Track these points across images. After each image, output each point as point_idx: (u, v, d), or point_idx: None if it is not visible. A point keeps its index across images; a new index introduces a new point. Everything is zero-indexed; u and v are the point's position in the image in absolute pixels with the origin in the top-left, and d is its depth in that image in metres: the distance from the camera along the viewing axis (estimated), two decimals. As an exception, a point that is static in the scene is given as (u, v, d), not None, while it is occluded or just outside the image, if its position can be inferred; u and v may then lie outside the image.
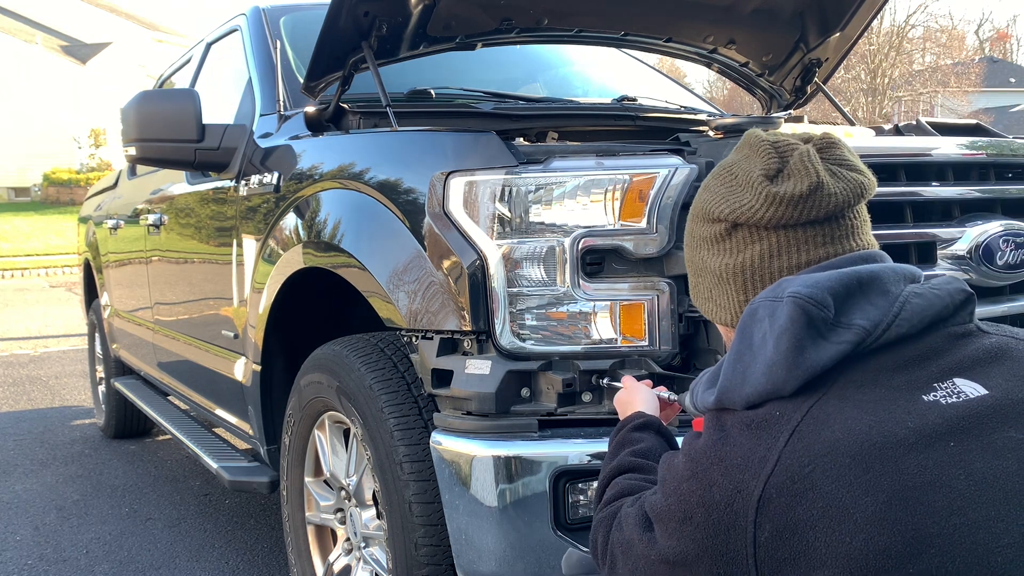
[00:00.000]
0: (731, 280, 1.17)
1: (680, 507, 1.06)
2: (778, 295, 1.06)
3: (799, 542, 0.96)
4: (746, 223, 1.13)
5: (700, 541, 1.04)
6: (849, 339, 1.03)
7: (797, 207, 1.10)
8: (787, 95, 3.10)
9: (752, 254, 1.14)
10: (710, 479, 1.04)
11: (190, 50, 4.17)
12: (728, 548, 1.02)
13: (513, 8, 2.53)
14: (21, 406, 5.94)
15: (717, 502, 1.02)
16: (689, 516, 1.05)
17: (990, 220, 1.91)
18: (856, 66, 29.65)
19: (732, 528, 1.01)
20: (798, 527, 0.96)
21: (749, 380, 1.05)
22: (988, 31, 48.96)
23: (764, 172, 1.12)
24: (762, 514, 0.98)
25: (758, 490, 0.98)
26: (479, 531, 1.74)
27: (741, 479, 1.00)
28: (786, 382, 1.02)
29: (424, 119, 2.53)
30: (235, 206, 2.83)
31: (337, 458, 2.28)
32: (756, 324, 1.07)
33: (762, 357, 1.05)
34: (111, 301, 4.84)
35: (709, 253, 1.19)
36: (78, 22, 30.80)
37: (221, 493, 4.02)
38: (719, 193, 1.17)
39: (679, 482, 1.08)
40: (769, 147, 1.13)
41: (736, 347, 1.09)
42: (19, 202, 25.65)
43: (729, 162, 1.19)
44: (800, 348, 1.02)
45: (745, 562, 1.00)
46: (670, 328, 1.74)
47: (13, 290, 13.64)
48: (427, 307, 1.85)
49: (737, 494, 1.00)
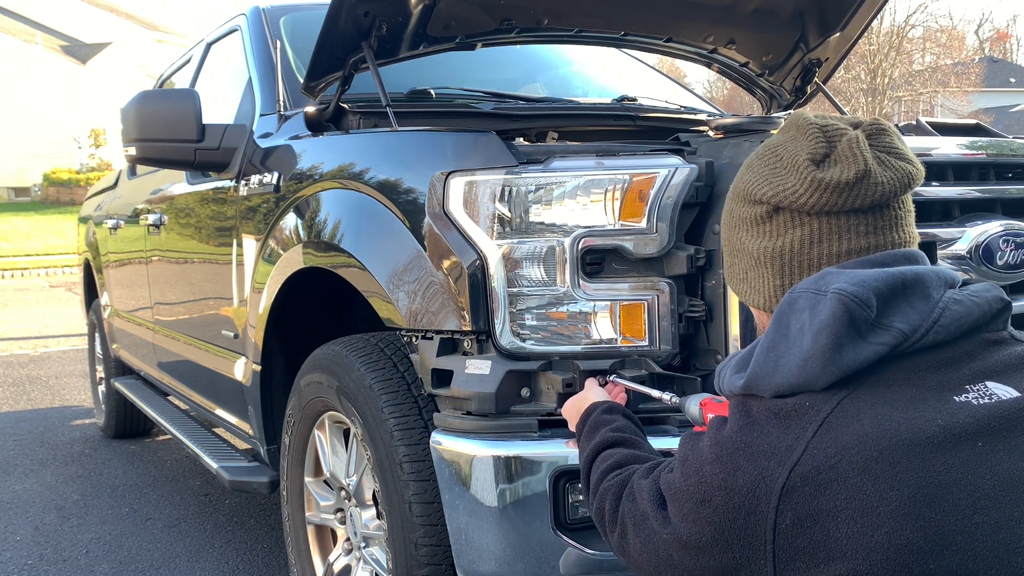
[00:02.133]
0: (768, 264, 1.15)
1: (700, 488, 1.06)
2: (822, 288, 1.04)
3: (820, 532, 0.96)
4: (788, 207, 1.11)
5: (716, 525, 1.03)
6: (887, 341, 1.01)
7: (842, 194, 1.07)
8: (787, 95, 3.10)
9: (792, 239, 1.12)
10: (735, 464, 1.03)
11: (190, 50, 4.17)
12: (745, 534, 1.01)
13: (513, 8, 2.53)
14: (21, 406, 5.94)
15: (739, 487, 1.01)
16: (708, 498, 1.04)
17: (990, 220, 1.91)
18: (856, 66, 29.65)
19: (752, 514, 1.00)
20: (820, 517, 0.96)
21: (781, 370, 1.04)
22: (988, 31, 49.01)
23: (810, 156, 1.09)
24: (784, 502, 0.98)
25: (783, 477, 0.98)
26: (479, 531, 1.74)
27: (766, 466, 1.00)
28: (819, 377, 1.01)
29: (424, 119, 2.53)
30: (235, 206, 2.83)
31: (337, 458, 2.28)
32: (795, 314, 1.05)
33: (798, 349, 1.03)
34: (111, 301, 4.84)
35: (748, 235, 1.17)
36: (78, 22, 30.79)
37: (221, 493, 4.02)
38: (762, 174, 1.14)
39: (702, 463, 1.07)
40: (817, 130, 1.11)
41: (771, 335, 1.08)
42: (19, 202, 25.65)
43: (775, 143, 1.16)
44: (838, 346, 1.01)
45: (762, 549, 1.00)
46: (670, 328, 1.74)
47: (13, 290, 13.64)
48: (427, 307, 1.85)
49: (761, 480, 1.00)
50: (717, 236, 1.74)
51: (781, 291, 1.14)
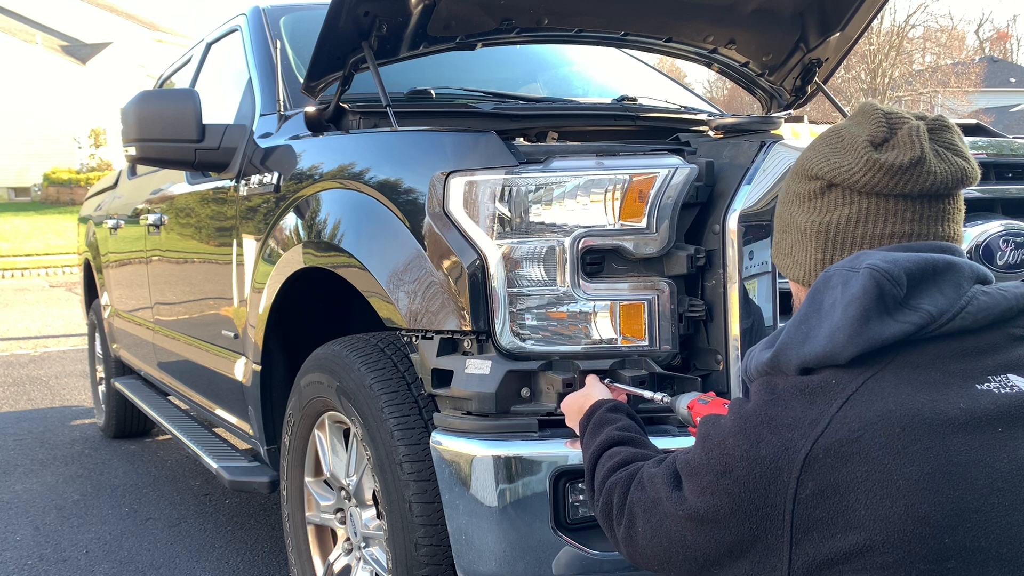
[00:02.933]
0: (813, 237, 1.19)
1: (721, 460, 1.08)
2: (855, 266, 1.08)
3: (839, 502, 0.99)
4: (842, 184, 1.15)
5: (736, 495, 1.06)
6: (913, 320, 1.05)
7: (894, 177, 1.11)
8: (787, 95, 3.10)
9: (840, 215, 1.16)
10: (758, 435, 1.06)
11: (190, 50, 4.17)
12: (764, 503, 1.04)
13: (513, 8, 2.53)
14: (21, 406, 5.94)
15: (762, 457, 1.04)
16: (729, 469, 1.07)
17: (990, 220, 1.90)
18: (856, 66, 29.65)
19: (773, 483, 1.03)
20: (840, 487, 0.99)
21: (810, 341, 1.08)
22: (988, 31, 49.00)
23: (870, 138, 1.13)
24: (806, 472, 1.01)
25: (805, 448, 1.01)
26: (479, 531, 1.74)
27: (790, 437, 1.03)
28: (845, 348, 1.05)
29: (424, 119, 2.53)
30: (235, 206, 2.83)
31: (337, 458, 2.28)
32: (828, 290, 1.10)
33: (828, 321, 1.07)
34: (111, 301, 4.84)
35: (799, 209, 1.21)
36: (78, 22, 30.78)
37: (221, 493, 4.02)
38: (822, 152, 1.19)
39: (725, 437, 1.10)
40: (881, 116, 1.15)
41: (804, 310, 1.12)
42: (19, 202, 25.64)
43: (840, 126, 1.21)
44: (866, 318, 1.04)
45: (780, 519, 1.03)
46: (670, 328, 1.74)
47: (13, 290, 13.64)
48: (427, 307, 1.85)
49: (784, 451, 1.03)
50: (717, 236, 1.74)
51: (821, 266, 1.18)
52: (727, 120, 2.55)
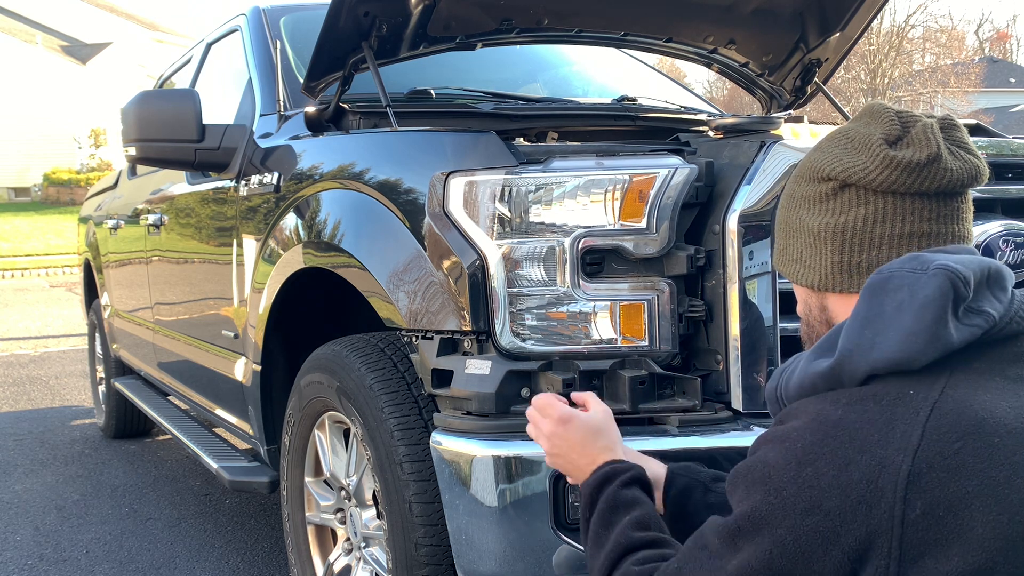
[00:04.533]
0: (829, 240, 1.15)
1: (801, 497, 0.98)
2: (922, 267, 1.03)
3: (954, 520, 0.93)
4: (856, 184, 1.12)
5: (828, 531, 0.96)
6: (980, 324, 1.02)
7: (912, 174, 1.09)
8: (787, 95, 3.10)
9: (856, 216, 1.13)
10: (844, 458, 0.97)
11: (190, 50, 4.17)
12: (866, 532, 0.95)
13: (513, 8, 2.53)
14: (21, 406, 5.94)
15: (856, 481, 0.95)
16: (817, 504, 0.97)
17: (990, 220, 1.90)
18: (856, 66, 29.64)
19: (874, 507, 0.95)
20: (954, 504, 0.93)
21: (880, 346, 1.01)
22: (988, 31, 49.00)
23: (885, 136, 1.11)
24: (912, 490, 0.93)
25: (907, 464, 0.94)
26: (479, 531, 1.74)
27: (883, 454, 0.95)
28: (922, 354, 1.00)
29: (424, 119, 2.53)
30: (235, 206, 2.83)
31: (337, 458, 2.28)
32: (891, 292, 1.04)
33: (898, 325, 1.01)
34: (111, 301, 4.84)
35: (810, 212, 1.18)
36: (78, 22, 30.77)
37: (221, 493, 4.02)
38: (832, 153, 1.16)
39: (793, 471, 0.99)
40: (893, 115, 1.13)
41: (864, 313, 1.05)
42: (19, 202, 25.63)
43: (845, 127, 1.18)
44: (944, 322, 1.00)
45: (885, 545, 0.95)
46: (670, 328, 1.74)
47: (13, 290, 13.64)
48: (427, 307, 1.85)
49: (881, 469, 0.95)
50: (717, 236, 1.74)
51: (839, 268, 1.15)
52: (727, 120, 2.56)
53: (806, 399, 1.07)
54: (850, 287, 1.15)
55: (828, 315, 1.20)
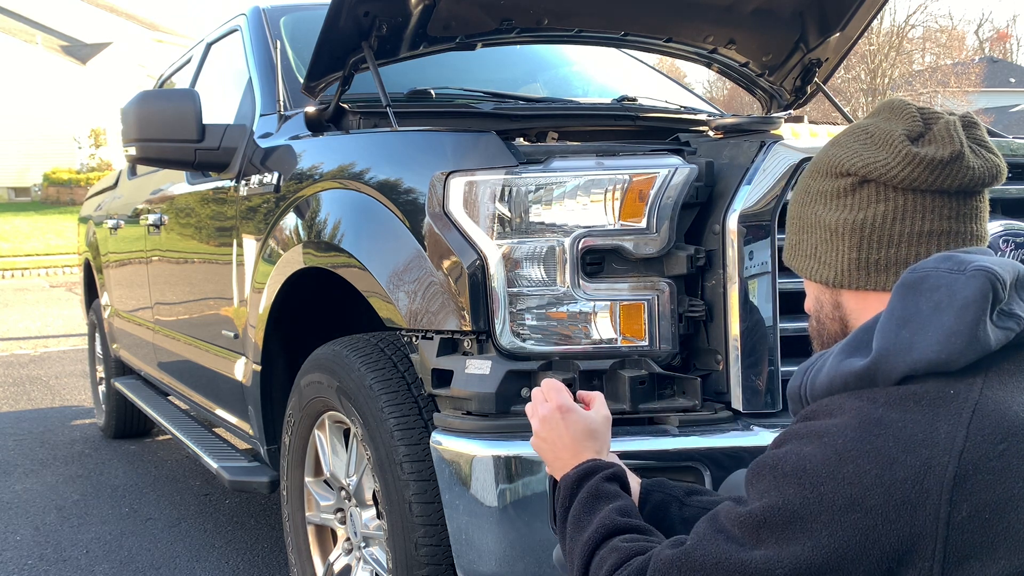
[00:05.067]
0: (846, 236, 1.14)
1: (841, 494, 0.96)
2: (959, 267, 1.02)
3: (1001, 523, 0.93)
4: (877, 180, 1.11)
5: (869, 530, 0.94)
6: (1013, 327, 1.02)
7: (934, 172, 1.08)
8: (787, 95, 3.10)
9: (875, 212, 1.12)
10: (888, 456, 0.95)
11: (190, 50, 4.17)
12: (909, 533, 0.94)
13: (513, 8, 2.53)
14: (21, 406, 5.94)
15: (901, 480, 0.94)
16: (857, 502, 0.95)
17: (990, 220, 1.90)
18: (856, 66, 29.64)
19: (919, 508, 0.93)
20: (1000, 507, 0.93)
21: (918, 346, 1.00)
22: (988, 31, 49.02)
23: (907, 133, 1.10)
24: (959, 492, 0.92)
25: (953, 465, 0.93)
26: (479, 531, 1.74)
27: (929, 455, 0.94)
28: (962, 354, 0.98)
29: (424, 119, 2.53)
30: (235, 206, 2.83)
31: (337, 458, 2.28)
32: (927, 292, 1.02)
33: (937, 325, 1.00)
34: (111, 301, 4.84)
35: (827, 208, 1.16)
36: (78, 22, 30.77)
37: (221, 493, 4.02)
38: (851, 148, 1.14)
39: (834, 467, 0.97)
40: (915, 111, 1.12)
41: (900, 312, 1.03)
42: (19, 202, 25.64)
43: (864, 123, 1.17)
44: (983, 324, 0.99)
45: (928, 547, 0.93)
46: (670, 328, 1.74)
47: (13, 290, 13.64)
48: (427, 307, 1.85)
49: (927, 470, 0.93)
50: (717, 236, 1.74)
51: (856, 265, 1.14)
52: (727, 120, 2.56)
53: (840, 396, 1.05)
54: (866, 284, 1.14)
55: (842, 312, 1.19)
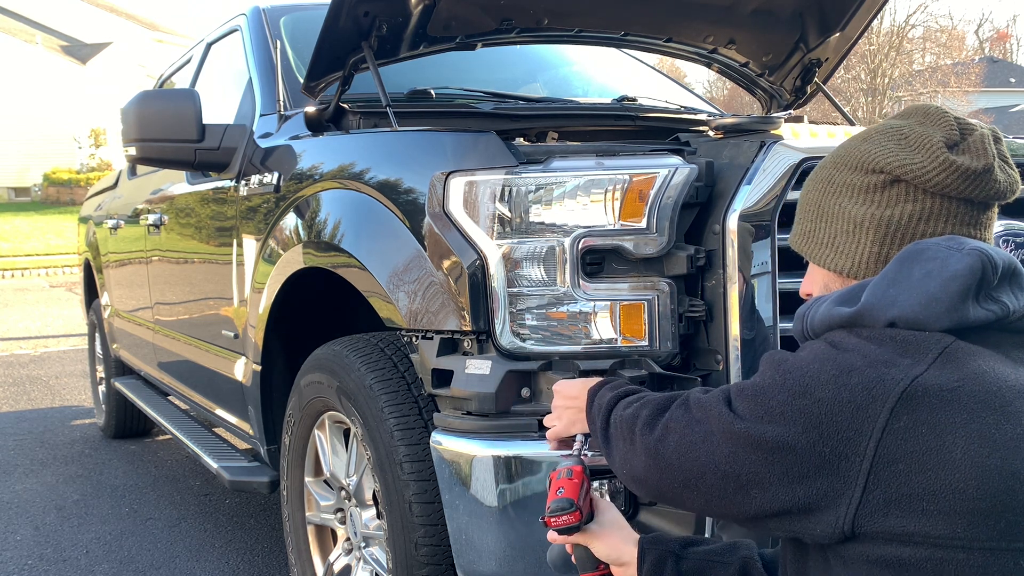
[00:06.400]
0: (871, 230, 1.20)
1: (801, 382, 1.08)
2: (958, 246, 1.11)
3: (935, 440, 1.01)
4: (910, 181, 1.16)
5: (812, 416, 1.06)
6: (995, 311, 1.09)
7: (966, 181, 1.14)
8: (787, 95, 3.10)
9: (903, 211, 1.18)
10: (850, 364, 1.07)
11: (190, 50, 4.17)
12: (847, 428, 1.04)
13: (513, 8, 2.53)
14: (21, 406, 5.94)
15: (852, 384, 1.05)
16: (809, 390, 1.07)
17: (990, 220, 1.91)
18: (856, 66, 29.63)
19: (861, 410, 1.04)
20: (938, 427, 1.02)
21: (900, 304, 1.09)
22: (988, 31, 49.02)
23: (945, 139, 1.16)
24: (903, 405, 1.03)
25: (904, 383, 1.03)
26: (479, 531, 1.74)
27: (886, 372, 1.05)
28: (940, 319, 1.07)
29: (424, 119, 2.53)
30: (235, 206, 2.83)
31: (337, 458, 2.28)
32: (922, 262, 1.11)
33: (921, 289, 1.09)
34: (111, 301, 4.85)
35: (853, 201, 1.21)
36: (78, 22, 30.77)
37: (221, 493, 4.02)
38: (886, 147, 1.19)
39: (807, 362, 1.10)
40: (952, 120, 1.18)
41: (892, 275, 1.13)
42: (19, 202, 25.64)
43: (897, 123, 1.22)
44: (965, 297, 1.08)
45: (860, 446, 1.04)
46: (670, 328, 1.74)
47: (13, 290, 13.64)
48: (427, 307, 1.85)
49: (879, 382, 1.04)
50: (717, 236, 1.74)
51: (876, 258, 1.20)
52: (727, 120, 2.55)
53: (838, 330, 1.15)
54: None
55: None
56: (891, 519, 1.03)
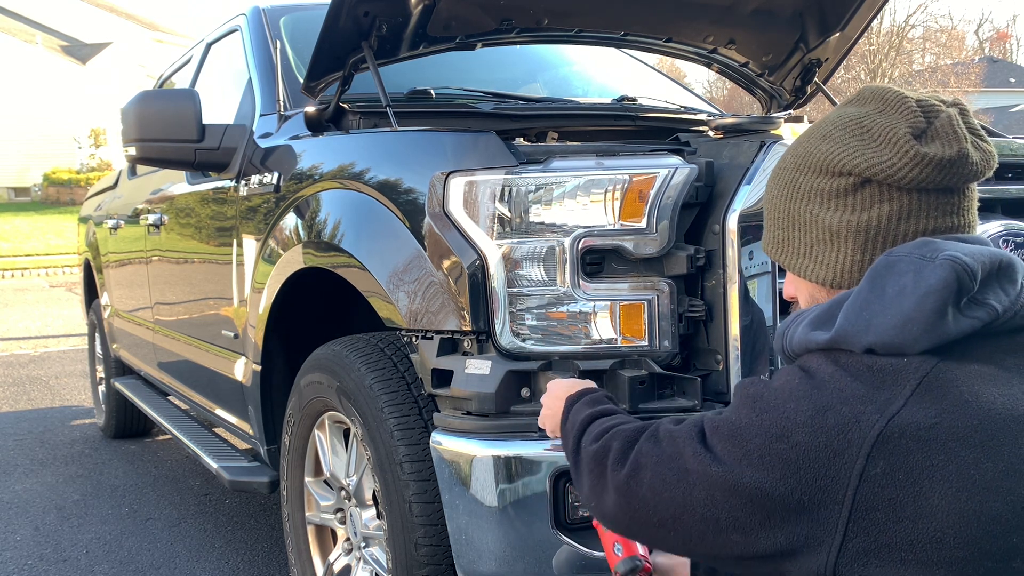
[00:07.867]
0: (849, 238, 1.11)
1: (778, 424, 1.02)
2: (930, 255, 1.02)
3: (912, 487, 0.95)
4: (882, 180, 1.08)
5: (790, 462, 1.00)
6: (981, 317, 1.01)
7: (941, 172, 1.06)
8: (787, 95, 3.10)
9: (879, 213, 1.09)
10: (825, 403, 1.00)
11: (190, 50, 4.17)
12: (825, 475, 0.98)
13: (513, 8, 2.53)
14: (21, 406, 5.94)
15: (829, 426, 0.99)
16: (786, 434, 1.01)
17: (990, 220, 1.90)
18: (856, 66, 29.64)
19: (839, 455, 0.98)
20: (915, 472, 0.95)
21: (875, 328, 1.02)
22: (988, 31, 49.01)
23: (911, 129, 1.07)
24: (879, 449, 0.96)
25: (880, 424, 0.97)
26: (479, 531, 1.74)
27: (862, 410, 0.98)
28: (918, 341, 1.00)
29: (424, 119, 2.53)
30: (235, 206, 2.83)
31: (337, 458, 2.28)
32: (894, 277, 1.03)
33: (896, 310, 1.01)
34: (111, 301, 4.85)
35: (823, 208, 1.12)
36: (78, 22, 30.77)
37: (221, 493, 4.02)
38: (849, 145, 1.10)
39: (782, 400, 1.04)
40: (915, 105, 1.08)
41: (864, 295, 1.05)
42: (19, 202, 25.64)
43: (856, 114, 1.12)
44: (943, 313, 1.00)
45: (839, 494, 0.98)
46: (670, 328, 1.74)
47: (13, 290, 13.64)
48: (427, 307, 1.85)
49: (855, 423, 0.98)
50: (717, 236, 1.74)
51: (860, 266, 1.11)
52: (727, 120, 2.55)
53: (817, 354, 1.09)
54: None
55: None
56: (871, 568, 0.98)
